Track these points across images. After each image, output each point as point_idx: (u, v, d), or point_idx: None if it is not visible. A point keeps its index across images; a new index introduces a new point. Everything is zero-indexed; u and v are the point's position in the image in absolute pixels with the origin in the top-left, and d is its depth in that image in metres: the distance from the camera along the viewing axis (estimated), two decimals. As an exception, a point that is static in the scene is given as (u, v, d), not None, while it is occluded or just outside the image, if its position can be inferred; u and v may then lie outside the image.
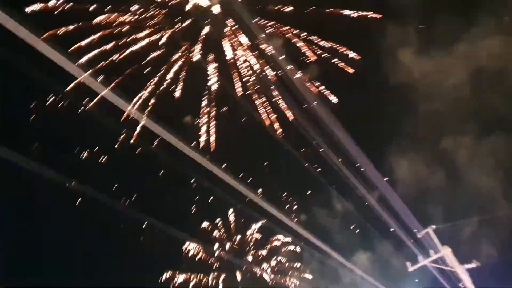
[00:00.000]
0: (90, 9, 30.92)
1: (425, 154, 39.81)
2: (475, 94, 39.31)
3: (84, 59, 30.56)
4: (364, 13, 35.45)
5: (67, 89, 29.74)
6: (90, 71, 30.55)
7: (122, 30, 31.82)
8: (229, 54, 33.67)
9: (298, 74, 33.55)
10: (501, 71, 39.05)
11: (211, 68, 33.51)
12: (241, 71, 33.97)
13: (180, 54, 33.39)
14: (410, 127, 39.19)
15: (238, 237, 39.60)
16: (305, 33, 35.81)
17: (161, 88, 32.96)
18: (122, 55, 31.67)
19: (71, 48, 30.15)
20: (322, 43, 35.78)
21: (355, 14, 35.35)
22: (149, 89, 32.62)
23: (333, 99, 34.44)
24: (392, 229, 30.48)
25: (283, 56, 34.34)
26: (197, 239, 37.22)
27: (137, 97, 32.60)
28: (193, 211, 37.59)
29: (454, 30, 39.15)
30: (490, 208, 33.95)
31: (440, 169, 38.70)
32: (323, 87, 35.33)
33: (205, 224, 39.49)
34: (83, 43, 30.56)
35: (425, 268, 25.65)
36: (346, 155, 30.96)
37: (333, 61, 35.54)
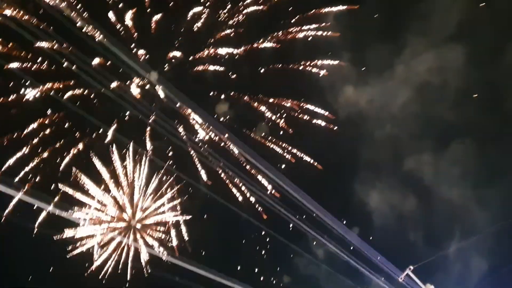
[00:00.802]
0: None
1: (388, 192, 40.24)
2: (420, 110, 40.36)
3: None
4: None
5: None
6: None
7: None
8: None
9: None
10: (441, 83, 40.18)
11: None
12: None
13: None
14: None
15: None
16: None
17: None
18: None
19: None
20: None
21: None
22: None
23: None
24: (372, 280, 30.34)
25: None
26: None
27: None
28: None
29: (386, 55, 40.28)
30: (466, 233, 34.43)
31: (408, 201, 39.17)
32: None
33: None
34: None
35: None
36: (310, 216, 31.09)
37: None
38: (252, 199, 34.45)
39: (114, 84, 32.96)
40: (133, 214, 34.03)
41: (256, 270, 37.49)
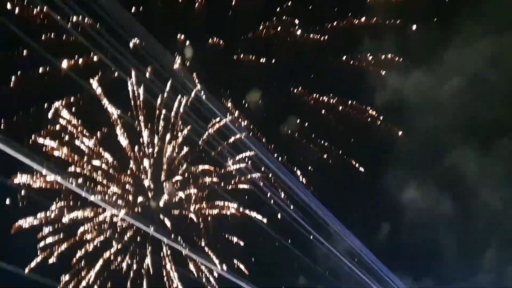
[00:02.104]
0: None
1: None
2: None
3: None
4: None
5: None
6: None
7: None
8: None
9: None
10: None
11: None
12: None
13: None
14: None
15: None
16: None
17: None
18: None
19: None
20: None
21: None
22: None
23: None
24: None
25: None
26: None
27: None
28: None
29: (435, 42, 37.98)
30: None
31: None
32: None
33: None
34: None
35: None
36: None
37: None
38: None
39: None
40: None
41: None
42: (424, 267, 38.27)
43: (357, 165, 37.83)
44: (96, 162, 33.39)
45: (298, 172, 36.42)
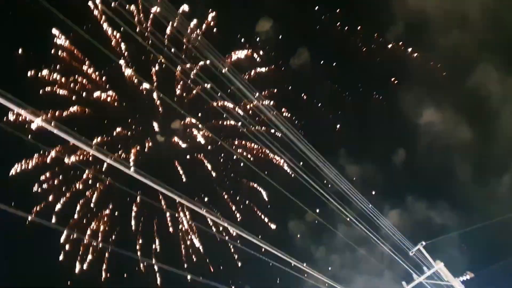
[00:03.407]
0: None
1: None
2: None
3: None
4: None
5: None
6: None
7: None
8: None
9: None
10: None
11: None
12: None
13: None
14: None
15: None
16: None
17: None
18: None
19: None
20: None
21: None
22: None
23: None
24: (383, 250, 30.22)
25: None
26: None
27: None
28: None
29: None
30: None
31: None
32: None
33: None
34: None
35: (421, 285, 25.82)
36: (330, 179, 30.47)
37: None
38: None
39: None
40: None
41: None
42: (440, 191, 37.50)
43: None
44: (99, 94, 32.33)
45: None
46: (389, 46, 37.36)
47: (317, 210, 35.92)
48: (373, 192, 37.04)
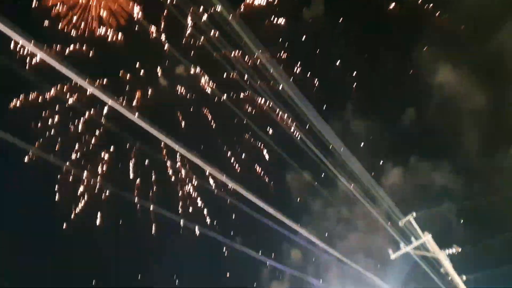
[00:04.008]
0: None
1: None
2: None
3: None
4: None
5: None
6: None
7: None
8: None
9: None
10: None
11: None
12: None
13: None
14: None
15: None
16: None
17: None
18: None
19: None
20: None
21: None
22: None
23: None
24: (373, 217, 30.34)
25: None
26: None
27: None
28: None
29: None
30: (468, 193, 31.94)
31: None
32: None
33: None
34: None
35: (407, 255, 26.14)
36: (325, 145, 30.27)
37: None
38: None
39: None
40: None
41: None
42: (444, 156, 36.78)
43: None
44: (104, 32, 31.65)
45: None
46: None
47: (316, 172, 35.96)
48: (377, 151, 36.56)
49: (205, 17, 32.69)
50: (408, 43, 36.37)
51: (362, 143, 37.92)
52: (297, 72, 36.42)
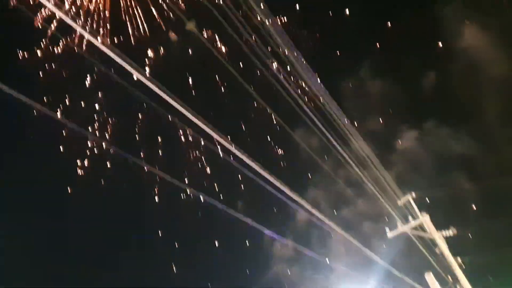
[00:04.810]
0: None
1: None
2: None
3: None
4: None
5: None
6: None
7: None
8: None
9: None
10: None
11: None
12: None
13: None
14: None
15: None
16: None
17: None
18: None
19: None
20: None
21: None
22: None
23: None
24: (371, 194, 30.25)
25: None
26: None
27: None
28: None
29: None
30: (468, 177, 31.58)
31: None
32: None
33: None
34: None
35: (403, 234, 26.24)
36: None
37: None
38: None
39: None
40: None
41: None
42: (461, 123, 35.78)
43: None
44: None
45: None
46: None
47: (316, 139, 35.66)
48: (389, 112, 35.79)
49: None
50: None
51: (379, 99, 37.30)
52: (314, 31, 35.68)
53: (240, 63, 34.50)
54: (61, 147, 35.42)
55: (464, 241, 25.78)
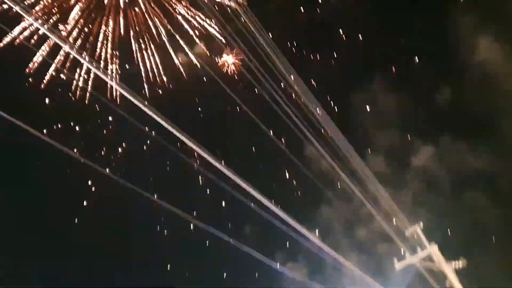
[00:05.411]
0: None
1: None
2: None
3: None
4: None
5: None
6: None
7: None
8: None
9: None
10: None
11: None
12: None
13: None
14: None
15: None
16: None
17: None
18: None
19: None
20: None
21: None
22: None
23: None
24: (378, 224, 29.47)
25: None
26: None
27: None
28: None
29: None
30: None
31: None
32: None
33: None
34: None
35: (412, 265, 25.30)
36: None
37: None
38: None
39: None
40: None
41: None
42: (482, 134, 34.58)
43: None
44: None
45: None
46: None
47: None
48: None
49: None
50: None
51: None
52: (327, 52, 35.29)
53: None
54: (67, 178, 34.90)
55: (479, 273, 24.60)
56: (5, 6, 27.42)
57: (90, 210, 36.24)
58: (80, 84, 30.70)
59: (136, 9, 29.71)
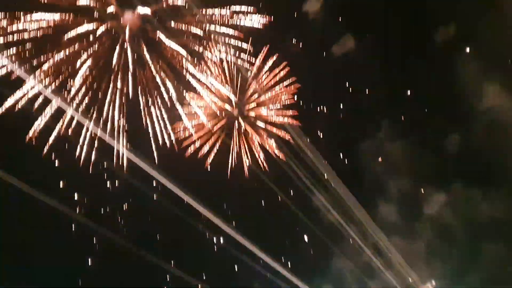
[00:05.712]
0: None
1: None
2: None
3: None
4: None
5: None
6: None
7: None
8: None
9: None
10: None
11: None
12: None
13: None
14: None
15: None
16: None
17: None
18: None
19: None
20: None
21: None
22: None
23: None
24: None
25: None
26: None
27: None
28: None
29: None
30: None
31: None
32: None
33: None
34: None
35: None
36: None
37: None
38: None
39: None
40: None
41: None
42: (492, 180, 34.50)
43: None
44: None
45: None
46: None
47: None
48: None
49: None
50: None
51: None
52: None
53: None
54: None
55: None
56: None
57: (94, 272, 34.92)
58: (85, 148, 29.36)
59: (145, 68, 28.82)
